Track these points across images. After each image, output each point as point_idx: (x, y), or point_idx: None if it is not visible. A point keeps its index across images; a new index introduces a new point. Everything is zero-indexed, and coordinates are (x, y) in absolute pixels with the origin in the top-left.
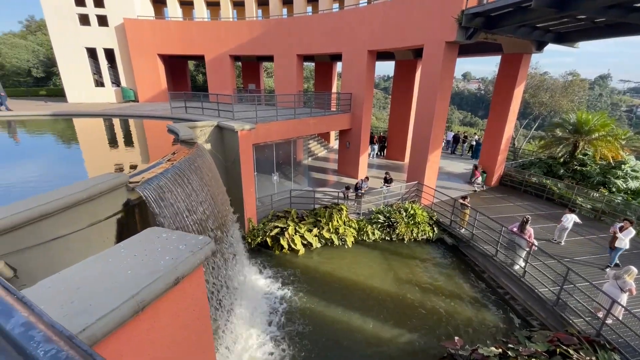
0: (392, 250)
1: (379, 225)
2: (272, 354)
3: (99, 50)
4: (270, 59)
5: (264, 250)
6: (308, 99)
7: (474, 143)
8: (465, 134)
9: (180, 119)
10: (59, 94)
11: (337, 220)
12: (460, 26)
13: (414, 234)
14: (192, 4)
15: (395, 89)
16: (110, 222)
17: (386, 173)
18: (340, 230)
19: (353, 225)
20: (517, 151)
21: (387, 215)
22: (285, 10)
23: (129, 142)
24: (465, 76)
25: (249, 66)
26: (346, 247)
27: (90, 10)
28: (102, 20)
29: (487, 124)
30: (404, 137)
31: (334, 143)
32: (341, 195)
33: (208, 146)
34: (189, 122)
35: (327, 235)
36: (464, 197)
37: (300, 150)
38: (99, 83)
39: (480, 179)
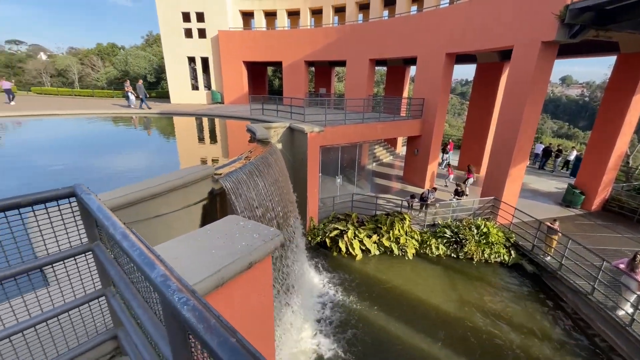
0: (457, 268)
1: (445, 240)
2: (321, 351)
3: (197, 58)
4: (342, 63)
5: (322, 250)
6: (377, 104)
7: (571, 158)
8: (560, 147)
9: (257, 120)
10: (164, 96)
11: (399, 230)
12: (562, 23)
13: (486, 255)
14: (275, 14)
15: (475, 94)
16: (197, 207)
17: (457, 185)
18: (401, 240)
19: (415, 236)
20: (631, 171)
21: (455, 230)
22: (361, 16)
23: (213, 138)
24: (564, 80)
25: (322, 71)
26: (406, 258)
27: (194, 24)
28: (202, 33)
29: (590, 136)
30: (481, 147)
31: (401, 149)
32: (405, 203)
33: (279, 146)
34: (265, 123)
35: (386, 243)
36: (553, 220)
37: (365, 155)
38: (195, 87)
39: (471, 180)
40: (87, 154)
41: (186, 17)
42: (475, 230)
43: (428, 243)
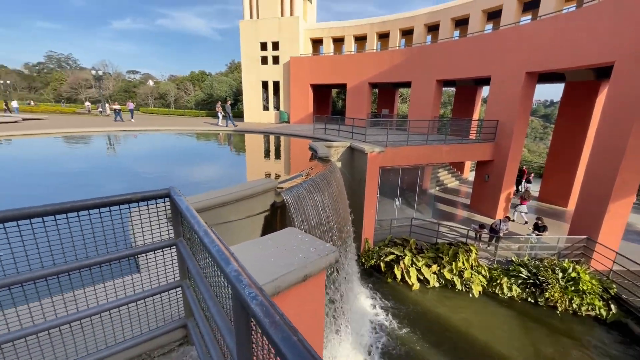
0: (535, 316)
1: (520, 281)
2: None
3: (269, 82)
4: (407, 84)
5: (375, 274)
6: (443, 125)
7: None
8: None
9: (319, 139)
10: (239, 115)
11: (463, 262)
12: None
13: (574, 305)
14: (342, 40)
15: (563, 116)
16: (260, 217)
17: (538, 218)
18: (466, 275)
19: (483, 272)
20: None
21: (534, 270)
22: (429, 38)
23: (277, 154)
24: None
25: (385, 92)
26: (471, 295)
27: (269, 53)
28: (275, 60)
29: None
30: (569, 177)
31: (469, 174)
32: (472, 234)
33: (339, 164)
34: (326, 142)
35: (448, 275)
36: None
37: (427, 178)
38: (265, 107)
39: (524, 207)
40: (174, 162)
41: (263, 46)
42: (561, 274)
43: (498, 281)
